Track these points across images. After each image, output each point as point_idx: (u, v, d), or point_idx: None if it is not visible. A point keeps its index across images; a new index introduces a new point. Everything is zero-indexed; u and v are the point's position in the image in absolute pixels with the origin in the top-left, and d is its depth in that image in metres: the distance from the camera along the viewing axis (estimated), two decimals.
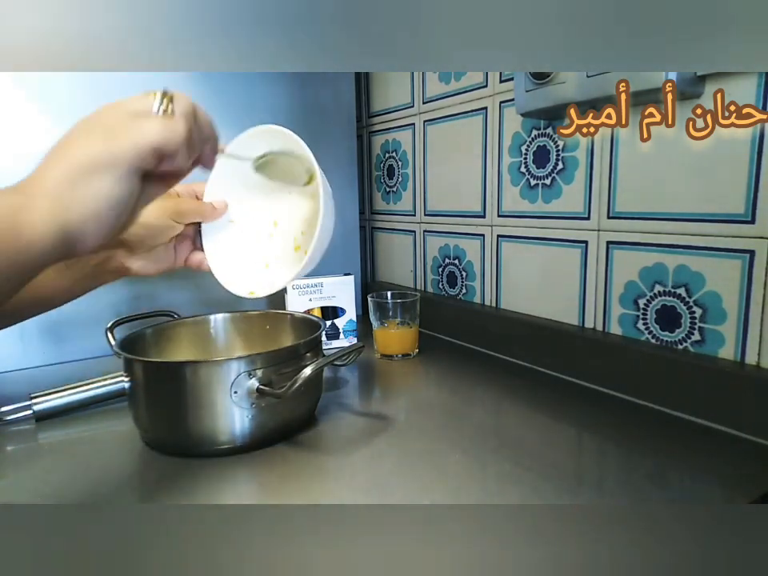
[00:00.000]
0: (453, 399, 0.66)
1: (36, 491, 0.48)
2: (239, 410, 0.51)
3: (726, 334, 0.57)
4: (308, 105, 0.96)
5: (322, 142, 0.99)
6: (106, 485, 0.49)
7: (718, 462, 0.49)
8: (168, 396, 0.52)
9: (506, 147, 0.79)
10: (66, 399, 0.62)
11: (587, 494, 0.45)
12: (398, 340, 0.81)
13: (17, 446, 0.57)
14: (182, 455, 0.52)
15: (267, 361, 0.52)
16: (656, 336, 0.63)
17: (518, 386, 0.69)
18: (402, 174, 1.03)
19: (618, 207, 0.65)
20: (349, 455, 0.52)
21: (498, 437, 0.56)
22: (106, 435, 0.59)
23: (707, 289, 0.58)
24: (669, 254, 0.60)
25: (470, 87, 0.84)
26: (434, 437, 0.55)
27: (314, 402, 0.60)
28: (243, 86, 0.87)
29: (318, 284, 0.83)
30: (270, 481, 0.49)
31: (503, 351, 0.80)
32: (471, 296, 0.90)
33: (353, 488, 0.47)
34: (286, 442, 0.55)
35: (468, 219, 0.88)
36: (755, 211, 0.53)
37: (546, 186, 0.74)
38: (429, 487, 0.46)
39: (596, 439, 0.56)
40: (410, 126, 0.99)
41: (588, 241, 0.69)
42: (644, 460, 0.50)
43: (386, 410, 0.63)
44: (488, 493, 0.45)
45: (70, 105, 0.75)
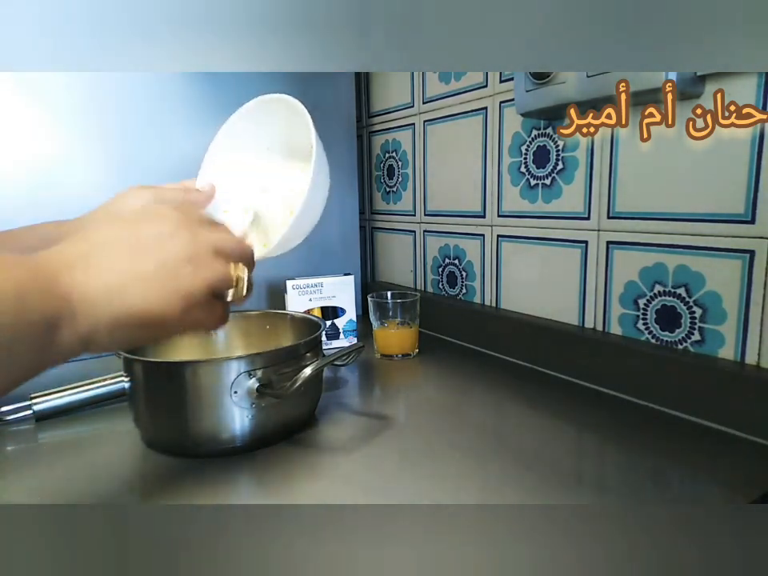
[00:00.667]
0: (453, 399, 0.66)
1: (36, 491, 0.48)
2: (239, 410, 0.51)
3: (725, 334, 0.57)
4: (308, 105, 0.95)
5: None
6: (106, 485, 0.49)
7: (717, 462, 0.49)
8: (168, 396, 0.52)
9: (506, 147, 0.79)
10: (66, 399, 0.62)
11: (587, 494, 0.45)
12: (398, 340, 0.81)
13: (17, 446, 0.57)
14: (182, 455, 0.52)
15: (267, 361, 0.52)
16: (656, 336, 0.63)
17: (518, 386, 0.69)
18: (402, 174, 1.03)
19: (618, 207, 0.65)
20: (349, 455, 0.52)
21: (498, 437, 0.56)
22: (106, 435, 0.59)
23: (707, 289, 0.58)
24: (669, 253, 0.60)
25: (469, 87, 0.84)
26: (434, 437, 0.55)
27: (314, 402, 0.60)
28: (243, 85, 0.87)
29: (317, 284, 0.83)
30: (270, 481, 0.49)
31: (503, 351, 0.80)
32: (471, 296, 0.90)
33: (353, 488, 0.47)
34: (286, 442, 0.55)
35: (468, 219, 0.88)
36: (755, 211, 0.53)
37: (546, 186, 0.74)
38: (429, 487, 0.46)
39: (596, 439, 0.56)
40: (409, 126, 0.99)
41: (588, 241, 0.69)
42: (644, 460, 0.50)
43: (386, 410, 0.63)
44: (488, 493, 0.45)
45: (70, 105, 0.75)
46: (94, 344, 0.32)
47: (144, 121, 0.80)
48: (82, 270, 0.32)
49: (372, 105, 1.09)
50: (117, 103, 0.78)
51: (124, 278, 0.33)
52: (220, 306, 0.38)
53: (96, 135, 0.77)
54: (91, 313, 0.31)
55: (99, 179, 0.77)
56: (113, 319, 0.32)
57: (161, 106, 0.81)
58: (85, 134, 0.76)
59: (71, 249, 0.33)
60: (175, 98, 0.81)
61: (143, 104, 0.80)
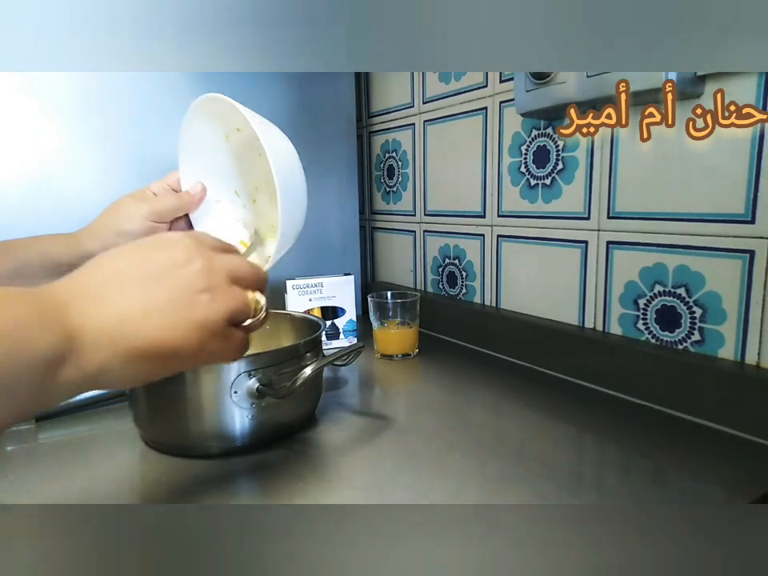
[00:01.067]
0: (453, 399, 0.66)
1: (36, 491, 0.48)
2: (239, 410, 0.51)
3: (725, 334, 0.57)
4: (308, 105, 0.96)
5: (322, 142, 0.99)
6: (106, 485, 0.49)
7: (717, 461, 0.49)
8: (168, 396, 0.52)
9: (506, 147, 0.79)
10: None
11: (587, 494, 0.45)
12: (398, 340, 0.81)
13: (17, 446, 0.57)
14: (182, 455, 0.52)
15: (267, 361, 0.52)
16: (656, 336, 0.63)
17: (517, 386, 0.69)
18: (402, 174, 1.03)
19: (618, 207, 0.65)
20: (349, 455, 0.52)
21: (498, 437, 0.56)
22: (106, 435, 0.59)
23: (707, 289, 0.58)
24: (669, 253, 0.60)
25: (469, 87, 0.84)
26: (434, 437, 0.55)
27: (314, 402, 0.60)
28: (243, 85, 0.87)
29: (317, 284, 0.83)
30: (269, 481, 0.49)
31: (503, 351, 0.80)
32: (471, 296, 0.90)
33: (353, 488, 0.47)
34: (286, 442, 0.55)
35: (468, 219, 0.88)
36: (755, 211, 0.53)
37: (546, 186, 0.74)
38: (429, 487, 0.46)
39: (596, 439, 0.56)
40: (409, 126, 0.99)
41: (588, 241, 0.69)
42: (644, 460, 0.50)
43: (386, 410, 0.63)
44: (488, 493, 0.45)
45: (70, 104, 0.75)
46: (104, 378, 0.30)
47: (145, 121, 0.80)
48: (92, 301, 0.30)
49: (372, 105, 1.09)
50: (117, 103, 0.78)
51: (138, 308, 0.31)
52: (238, 336, 0.36)
53: (96, 135, 0.77)
54: (104, 346, 0.29)
55: (99, 179, 0.77)
56: (126, 351, 0.30)
57: (161, 106, 0.81)
58: (85, 134, 0.76)
59: (81, 278, 0.32)
60: (176, 98, 0.81)
61: (144, 104, 0.80)
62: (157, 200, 0.54)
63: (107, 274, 0.32)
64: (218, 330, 0.34)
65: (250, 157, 0.58)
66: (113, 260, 0.33)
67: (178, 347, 0.32)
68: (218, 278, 0.34)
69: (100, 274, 0.32)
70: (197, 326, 0.32)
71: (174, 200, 0.55)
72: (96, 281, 0.32)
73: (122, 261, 0.33)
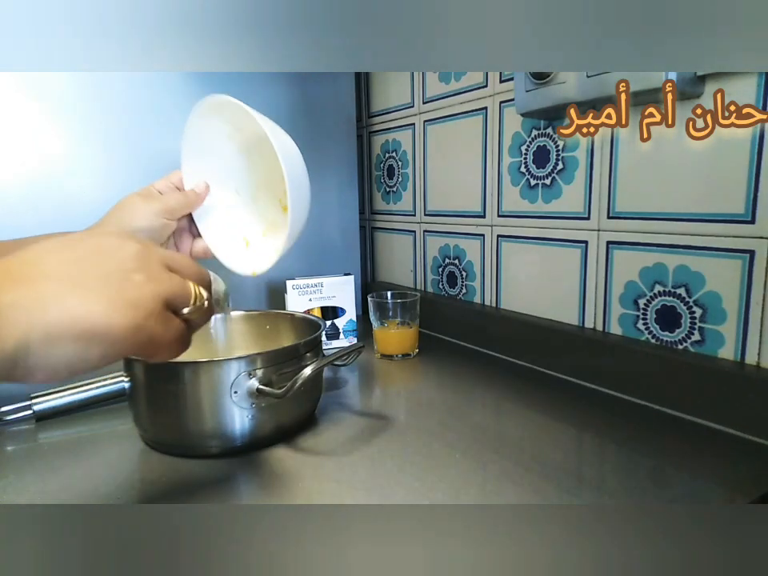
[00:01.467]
0: (453, 399, 0.66)
1: (36, 491, 0.48)
2: (239, 410, 0.51)
3: (725, 334, 0.57)
4: (308, 105, 0.96)
5: (322, 142, 0.99)
6: (106, 485, 0.49)
7: (717, 461, 0.49)
8: (168, 396, 0.52)
9: (506, 147, 0.79)
10: (66, 399, 0.62)
11: (587, 494, 0.45)
12: (398, 340, 0.81)
13: (17, 446, 0.57)
14: (182, 455, 0.52)
15: (267, 361, 0.52)
16: (656, 336, 0.63)
17: (517, 386, 0.69)
18: (402, 174, 1.03)
19: (618, 207, 0.65)
20: (349, 455, 0.52)
21: (498, 437, 0.56)
22: (106, 435, 0.59)
23: (707, 289, 0.58)
24: (669, 253, 0.60)
25: (469, 87, 0.84)
26: (434, 437, 0.55)
27: (313, 401, 0.60)
28: (243, 85, 0.87)
29: (318, 284, 0.83)
30: (270, 481, 0.49)
31: (503, 351, 0.80)
32: (471, 296, 0.90)
33: (353, 488, 0.47)
34: (286, 442, 0.55)
35: (468, 219, 0.88)
36: (755, 211, 0.53)
37: (546, 186, 0.74)
38: (429, 487, 0.46)
39: (596, 439, 0.56)
40: (409, 126, 0.99)
41: (588, 241, 0.69)
42: (644, 460, 0.50)
43: (386, 410, 0.63)
44: (488, 493, 0.45)
45: (71, 104, 0.75)
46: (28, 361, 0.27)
47: (145, 121, 0.80)
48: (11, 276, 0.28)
49: (372, 105, 1.09)
50: (117, 103, 0.78)
51: (61, 282, 0.29)
52: (177, 323, 0.34)
53: (96, 135, 0.77)
54: (20, 320, 0.27)
55: (99, 179, 0.77)
56: (46, 327, 0.27)
57: (161, 106, 0.81)
58: (85, 134, 0.76)
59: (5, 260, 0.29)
60: (176, 99, 0.81)
61: (144, 104, 0.80)
62: (166, 197, 0.54)
63: (32, 255, 0.30)
64: (154, 311, 0.31)
65: (252, 156, 0.59)
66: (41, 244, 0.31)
67: (108, 325, 0.29)
68: (154, 264, 0.33)
69: (25, 255, 0.30)
70: (129, 303, 0.30)
71: (181, 197, 0.55)
72: (19, 260, 0.30)
73: (51, 244, 0.31)
